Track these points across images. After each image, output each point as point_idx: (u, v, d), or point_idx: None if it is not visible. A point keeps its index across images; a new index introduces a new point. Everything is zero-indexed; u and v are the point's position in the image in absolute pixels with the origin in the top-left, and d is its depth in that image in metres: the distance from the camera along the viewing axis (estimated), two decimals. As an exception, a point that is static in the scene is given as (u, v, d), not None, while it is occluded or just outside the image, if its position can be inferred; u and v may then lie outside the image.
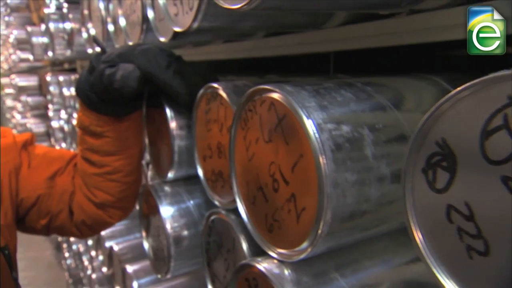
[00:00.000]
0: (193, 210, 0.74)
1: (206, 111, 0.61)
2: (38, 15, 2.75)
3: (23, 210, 0.82)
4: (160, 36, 0.75)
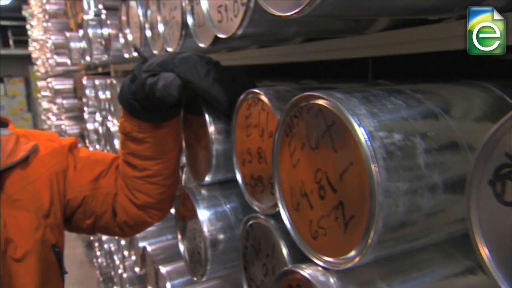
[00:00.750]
0: (229, 213, 0.74)
1: (246, 116, 0.61)
2: (75, 21, 2.85)
3: (70, 210, 0.85)
4: (199, 42, 0.76)
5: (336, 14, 0.40)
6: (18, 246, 0.72)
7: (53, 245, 0.79)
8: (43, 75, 5.92)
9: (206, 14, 0.59)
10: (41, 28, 4.50)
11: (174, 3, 0.85)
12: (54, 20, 3.48)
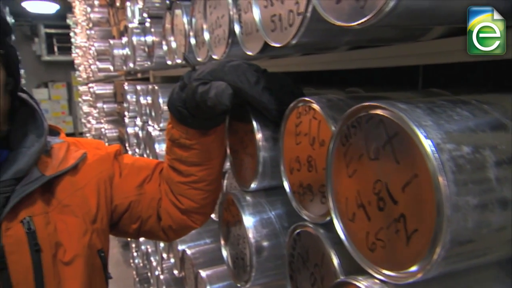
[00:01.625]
0: (274, 221, 0.74)
1: (296, 124, 0.61)
2: (117, 29, 2.96)
3: (116, 216, 0.88)
4: (247, 50, 0.77)
5: (400, 24, 0.39)
6: (67, 250, 0.75)
7: (99, 250, 0.81)
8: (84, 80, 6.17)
9: (259, 24, 0.60)
10: (84, 36, 4.70)
11: (221, 12, 0.86)
12: (97, 28, 3.63)
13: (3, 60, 0.69)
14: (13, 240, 0.68)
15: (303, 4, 0.47)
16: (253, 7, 0.60)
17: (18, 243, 0.69)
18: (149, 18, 1.58)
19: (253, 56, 0.79)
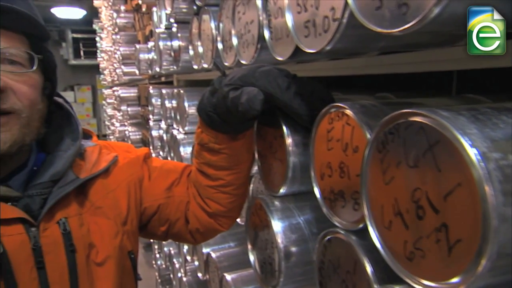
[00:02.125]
0: (303, 226, 0.74)
1: (328, 130, 0.61)
2: (143, 34, 3.03)
3: (146, 218, 0.89)
4: (277, 55, 0.78)
5: (442, 30, 0.39)
6: (99, 251, 0.76)
7: (129, 251, 0.82)
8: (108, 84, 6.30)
9: (291, 29, 0.60)
10: (110, 40, 4.81)
11: (250, 17, 0.87)
12: (123, 33, 3.71)
13: (41, 65, 0.72)
14: (50, 241, 0.70)
15: (340, 10, 0.47)
16: (285, 13, 0.61)
17: (55, 244, 0.71)
18: (176, 23, 1.61)
19: (281, 61, 0.79)
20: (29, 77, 0.68)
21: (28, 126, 0.68)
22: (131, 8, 3.39)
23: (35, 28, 0.69)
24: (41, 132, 0.75)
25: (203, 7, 1.23)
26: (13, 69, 0.66)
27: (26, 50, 0.68)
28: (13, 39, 0.67)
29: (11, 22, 0.65)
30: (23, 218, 0.68)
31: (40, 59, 0.70)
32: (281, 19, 0.75)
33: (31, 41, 0.70)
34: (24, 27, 0.68)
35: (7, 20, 0.65)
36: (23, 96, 0.67)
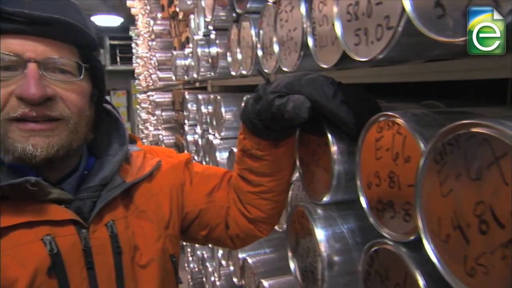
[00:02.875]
0: (347, 235, 0.73)
1: (376, 139, 0.60)
2: (178, 40, 3.09)
3: (187, 223, 0.91)
4: (321, 62, 0.77)
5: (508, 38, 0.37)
6: (143, 253, 0.78)
7: (171, 255, 0.84)
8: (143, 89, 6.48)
9: (341, 37, 0.60)
10: (146, 46, 4.95)
11: (293, 25, 0.87)
12: (159, 39, 3.81)
13: (89, 73, 0.75)
14: (99, 242, 0.72)
15: (395, 19, 0.46)
16: (335, 21, 0.60)
17: (103, 245, 0.73)
18: (214, 30, 1.64)
19: (324, 68, 0.78)
20: (77, 85, 0.71)
21: (75, 132, 0.71)
22: (168, 16, 3.47)
23: (84, 38, 0.72)
24: (89, 137, 0.78)
25: (243, 14, 1.25)
26: (63, 78, 0.69)
27: (75, 60, 0.71)
28: (64, 49, 0.69)
29: (62, 34, 0.68)
30: (74, 220, 0.71)
31: (87, 68, 0.72)
32: (326, 26, 0.74)
33: (80, 50, 0.73)
34: (74, 38, 0.71)
35: (59, 31, 0.67)
36: (71, 104, 0.69)
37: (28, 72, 0.64)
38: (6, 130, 0.65)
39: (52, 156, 0.67)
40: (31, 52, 0.65)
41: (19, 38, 0.65)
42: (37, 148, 0.65)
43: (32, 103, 0.64)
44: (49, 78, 0.66)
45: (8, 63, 0.65)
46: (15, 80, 0.65)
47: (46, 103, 0.66)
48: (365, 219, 0.76)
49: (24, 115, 0.64)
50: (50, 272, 0.67)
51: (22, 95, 0.64)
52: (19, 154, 0.65)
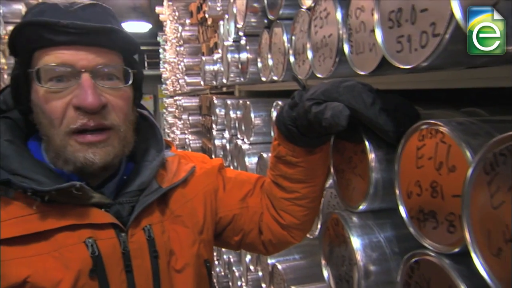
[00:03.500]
0: (384, 245, 0.72)
1: (417, 147, 0.59)
2: (207, 46, 3.14)
3: (220, 228, 0.91)
4: (358, 69, 0.77)
5: None
6: (178, 258, 0.78)
7: (205, 260, 0.84)
8: (170, 93, 6.59)
9: (381, 44, 0.59)
10: (173, 52, 5.04)
11: (328, 31, 0.87)
12: (187, 45, 3.87)
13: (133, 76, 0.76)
14: (137, 246, 0.74)
15: (443, 26, 0.45)
16: (375, 28, 0.60)
17: (141, 249, 0.74)
18: (245, 36, 1.65)
19: (361, 75, 0.78)
20: (124, 91, 0.73)
21: (125, 139, 0.73)
22: (196, 22, 3.53)
23: (129, 44, 0.74)
24: (134, 142, 0.80)
25: (275, 20, 1.25)
26: (111, 84, 0.71)
27: (122, 66, 0.73)
28: (110, 55, 0.72)
29: (109, 41, 0.70)
30: (114, 224, 0.73)
31: (134, 73, 0.74)
32: (364, 33, 0.74)
33: (125, 56, 0.75)
34: (119, 44, 0.73)
35: (106, 39, 0.70)
36: (120, 111, 0.71)
37: (83, 82, 0.66)
38: (65, 143, 0.68)
39: (108, 163, 0.70)
40: (83, 61, 0.67)
41: (71, 49, 0.67)
42: (96, 155, 0.68)
43: (91, 112, 0.66)
44: (101, 86, 0.69)
45: (61, 74, 0.67)
46: (70, 90, 0.67)
47: (101, 112, 0.68)
48: (402, 228, 0.74)
49: (84, 125, 0.67)
50: (92, 274, 0.68)
51: (81, 105, 0.66)
52: (81, 164, 0.68)
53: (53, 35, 0.66)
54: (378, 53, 0.69)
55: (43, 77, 0.68)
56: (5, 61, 3.14)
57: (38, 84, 0.67)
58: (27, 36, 0.67)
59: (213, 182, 0.92)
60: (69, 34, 0.66)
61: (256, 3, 1.42)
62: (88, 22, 0.67)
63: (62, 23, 0.65)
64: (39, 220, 0.67)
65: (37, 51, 0.68)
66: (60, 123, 0.68)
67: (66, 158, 0.68)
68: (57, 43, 0.66)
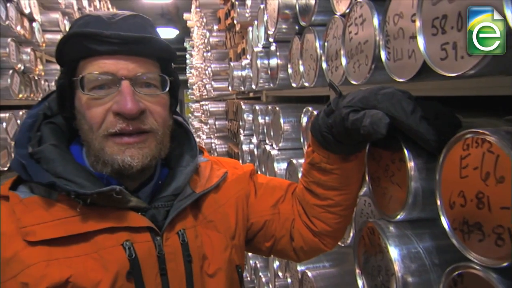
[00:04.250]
0: (423, 256, 0.70)
1: (461, 157, 0.57)
2: (234, 52, 3.17)
3: (252, 233, 0.91)
4: (396, 76, 0.75)
5: None
6: (211, 263, 0.79)
7: (237, 265, 0.84)
8: (196, 98, 6.68)
9: (424, 51, 0.58)
10: (200, 57, 5.11)
11: (364, 38, 0.86)
12: (214, 51, 3.92)
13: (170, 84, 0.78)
14: (171, 250, 0.75)
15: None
16: (417, 35, 0.59)
17: (175, 253, 0.75)
18: (275, 42, 1.66)
19: (398, 82, 0.76)
20: (161, 98, 0.75)
21: (162, 142, 0.75)
22: (224, 28, 3.57)
23: (166, 52, 0.76)
24: (168, 146, 0.81)
25: (307, 27, 1.25)
26: (149, 91, 0.73)
27: (160, 74, 0.75)
28: (149, 64, 0.74)
29: (149, 50, 0.73)
30: (150, 227, 0.74)
31: (171, 81, 0.76)
32: (402, 39, 0.73)
33: (162, 64, 0.77)
34: (158, 53, 0.75)
35: (146, 49, 0.72)
36: (158, 116, 0.73)
37: (123, 89, 0.69)
38: (102, 145, 0.70)
39: (146, 165, 0.72)
40: (124, 70, 0.70)
41: (112, 58, 0.69)
42: (133, 158, 0.70)
43: (129, 118, 0.69)
44: (139, 93, 0.71)
45: (103, 82, 0.70)
46: (111, 97, 0.70)
47: (140, 117, 0.70)
48: (442, 239, 0.72)
49: (122, 130, 0.69)
50: (129, 276, 0.70)
51: (121, 111, 0.68)
52: (119, 166, 0.70)
53: (97, 45, 0.68)
54: (418, 60, 0.68)
55: (86, 84, 0.70)
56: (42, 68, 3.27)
57: (82, 92, 0.70)
58: (73, 46, 0.70)
59: (244, 188, 0.92)
60: (111, 44, 0.68)
61: (287, 10, 1.43)
62: (128, 32, 0.69)
63: (105, 33, 0.67)
64: (80, 222, 0.69)
65: (82, 60, 0.71)
66: (99, 127, 0.70)
67: (105, 160, 0.71)
68: (100, 52, 0.69)
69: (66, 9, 3.93)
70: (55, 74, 3.58)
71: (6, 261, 0.66)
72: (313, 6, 1.18)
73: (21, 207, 0.69)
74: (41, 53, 3.37)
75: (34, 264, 0.65)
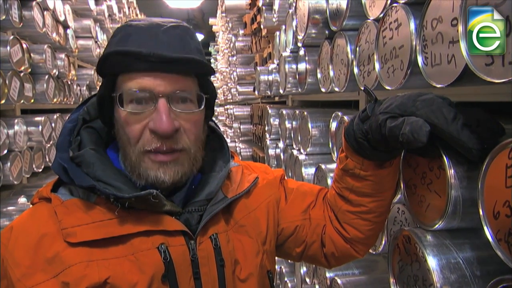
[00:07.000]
0: (464, 266, 0.68)
1: (507, 166, 0.56)
2: (260, 56, 3.18)
3: (282, 239, 0.91)
4: (433, 82, 0.74)
5: None
6: (242, 268, 0.79)
7: (268, 271, 0.84)
8: (221, 102, 6.73)
9: (467, 57, 0.57)
10: (225, 62, 5.16)
11: (399, 42, 0.85)
12: (240, 55, 3.95)
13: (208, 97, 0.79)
14: (204, 254, 0.75)
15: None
16: (460, 40, 0.57)
17: (208, 257, 0.76)
18: (303, 47, 1.65)
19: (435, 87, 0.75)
20: (196, 115, 0.76)
21: (195, 159, 0.76)
22: (250, 32, 3.59)
23: (204, 70, 0.77)
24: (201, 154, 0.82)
25: (338, 31, 1.24)
26: (185, 107, 0.74)
27: (197, 92, 0.76)
28: (186, 81, 0.74)
29: (187, 69, 0.73)
30: (184, 231, 0.75)
31: (207, 98, 0.76)
32: (441, 44, 0.71)
33: (199, 79, 0.78)
34: (195, 71, 0.76)
35: (184, 67, 0.73)
36: (191, 133, 0.75)
37: (160, 107, 0.70)
38: (140, 160, 0.72)
39: (177, 182, 0.73)
40: (161, 87, 0.71)
41: (150, 76, 0.71)
42: (166, 175, 0.72)
43: (164, 137, 0.71)
44: (175, 110, 0.72)
45: (141, 98, 0.71)
46: (147, 113, 0.71)
47: (174, 136, 0.72)
48: (483, 249, 0.70)
49: (157, 149, 0.71)
50: (164, 279, 0.71)
51: (157, 130, 0.70)
52: (152, 181, 0.72)
53: (136, 63, 0.70)
54: (459, 65, 0.66)
55: (125, 99, 0.72)
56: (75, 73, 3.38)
57: (120, 108, 0.72)
58: (113, 62, 0.72)
59: (275, 193, 0.92)
60: (150, 62, 0.69)
61: (317, 15, 1.42)
62: (169, 47, 0.70)
63: (144, 53, 0.68)
64: (118, 225, 0.71)
65: (121, 75, 0.73)
66: (136, 142, 0.72)
67: (140, 173, 0.73)
68: (139, 69, 0.70)
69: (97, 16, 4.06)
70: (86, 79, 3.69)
71: (48, 261, 0.68)
72: (344, 10, 1.18)
73: (62, 209, 0.71)
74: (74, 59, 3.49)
75: (75, 264, 0.67)
